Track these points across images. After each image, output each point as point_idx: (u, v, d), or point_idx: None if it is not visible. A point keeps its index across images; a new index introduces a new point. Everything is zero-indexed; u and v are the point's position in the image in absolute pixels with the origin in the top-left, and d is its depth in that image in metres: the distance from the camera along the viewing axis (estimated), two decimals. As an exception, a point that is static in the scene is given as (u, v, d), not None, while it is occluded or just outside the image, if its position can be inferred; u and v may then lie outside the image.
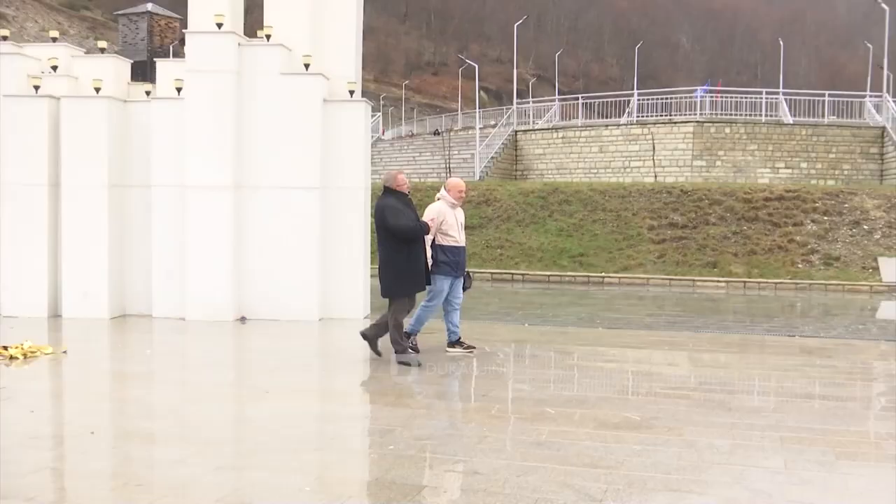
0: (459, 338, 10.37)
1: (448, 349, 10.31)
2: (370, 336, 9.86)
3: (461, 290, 10.32)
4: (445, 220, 9.97)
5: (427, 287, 9.91)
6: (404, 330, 9.89)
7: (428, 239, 9.82)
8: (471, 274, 10.66)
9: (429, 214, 9.92)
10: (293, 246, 13.03)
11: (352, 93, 13.48)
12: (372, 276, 20.85)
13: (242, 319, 12.91)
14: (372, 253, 15.80)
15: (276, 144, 13.04)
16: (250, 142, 13.04)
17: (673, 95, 43.79)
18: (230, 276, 12.91)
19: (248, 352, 11.10)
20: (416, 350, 10.08)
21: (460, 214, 10.27)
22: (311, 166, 13.09)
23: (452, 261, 10.00)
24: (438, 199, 10.18)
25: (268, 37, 13.27)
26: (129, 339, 11.76)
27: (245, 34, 13.77)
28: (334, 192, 13.29)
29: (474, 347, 10.41)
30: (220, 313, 12.79)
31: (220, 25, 12.91)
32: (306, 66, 13.17)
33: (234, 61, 12.97)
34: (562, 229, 26.12)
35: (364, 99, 13.89)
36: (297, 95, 13.07)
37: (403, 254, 9.45)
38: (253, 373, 9.43)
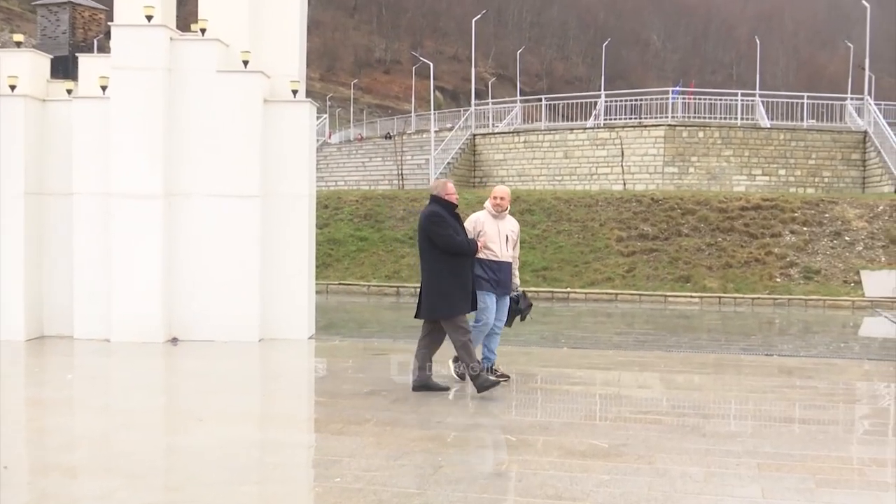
0: (493, 364, 9.96)
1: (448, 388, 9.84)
2: (423, 382, 9.41)
3: (505, 313, 9.92)
4: (484, 231, 9.61)
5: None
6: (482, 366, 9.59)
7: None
8: (525, 294, 10.19)
9: (466, 225, 9.59)
10: (230, 260, 12.94)
11: (295, 92, 13.44)
12: (322, 293, 20.86)
13: (174, 341, 12.78)
14: (317, 267, 15.76)
15: (211, 149, 12.95)
16: (183, 146, 12.94)
17: (643, 97, 44.22)
18: (160, 293, 12.78)
19: (180, 375, 10.99)
20: (507, 376, 9.85)
21: (506, 225, 9.87)
22: (250, 172, 13.02)
23: (492, 277, 9.61)
24: (483, 209, 9.91)
25: (202, 31, 13.20)
26: (48, 363, 11.59)
27: (178, 28, 13.69)
28: (276, 200, 13.23)
29: (508, 377, 10.00)
30: (149, 334, 12.66)
31: (149, 18, 12.82)
32: (245, 63, 13.12)
33: (165, 57, 12.87)
34: (524, 241, 26.18)
35: (309, 99, 13.86)
36: (235, 95, 13.00)
37: (447, 267, 9.08)
38: (185, 398, 9.34)
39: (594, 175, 39.45)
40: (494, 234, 9.67)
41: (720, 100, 42.86)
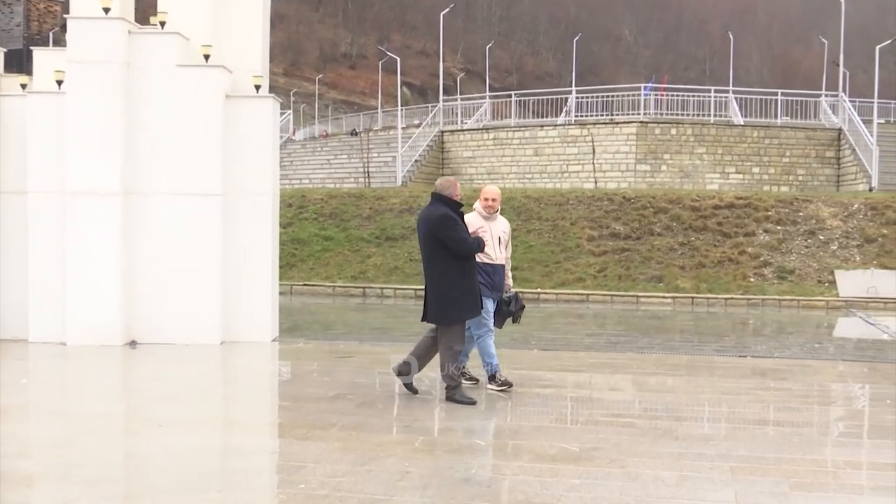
0: (496, 372, 9.81)
1: (488, 385, 9.80)
2: (407, 371, 9.35)
3: (511, 317, 9.90)
4: (476, 233, 9.48)
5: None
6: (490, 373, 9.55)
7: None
8: (518, 296, 10.12)
9: None
10: (191, 260, 12.88)
11: (258, 87, 13.40)
12: (287, 294, 20.84)
13: (132, 344, 12.70)
14: (281, 267, 15.72)
15: (171, 145, 12.88)
16: (142, 142, 12.86)
17: (615, 93, 44.40)
18: (118, 294, 12.69)
19: (138, 380, 10.92)
20: (510, 384, 9.76)
21: (498, 227, 9.84)
22: (211, 170, 12.96)
23: (488, 281, 9.56)
24: (474, 210, 9.83)
25: (162, 24, 13.12)
26: (1, 368, 11.47)
27: (136, 21, 13.61)
28: (238, 198, 13.18)
29: (511, 385, 9.81)
30: (106, 337, 12.56)
31: (107, 10, 12.72)
32: (206, 57, 13.05)
33: (124, 51, 12.78)
34: (493, 240, 26.26)
35: (272, 95, 13.82)
36: (196, 90, 12.94)
37: (456, 271, 8.97)
38: (144, 403, 9.28)
39: (565, 173, 39.57)
40: (487, 237, 9.59)
41: (693, 96, 43.13)
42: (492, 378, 9.68)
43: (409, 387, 9.43)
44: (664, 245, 25.51)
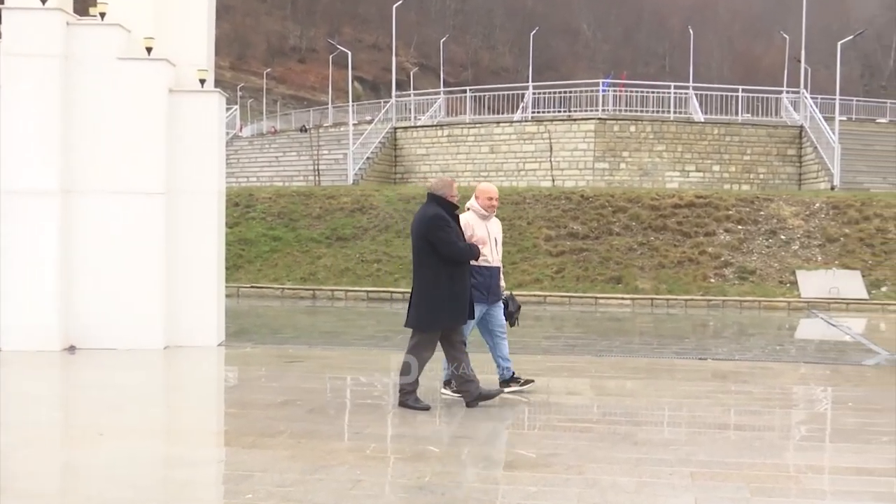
0: (514, 373, 9.88)
1: (503, 389, 9.73)
2: (476, 394, 9.11)
3: (503, 317, 9.83)
4: (475, 235, 9.46)
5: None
6: (444, 378, 9.51)
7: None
8: (514, 296, 10.14)
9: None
10: (133, 261, 12.75)
11: (203, 82, 13.31)
12: (233, 296, 20.70)
13: (71, 349, 12.56)
14: (227, 269, 15.62)
15: (112, 142, 12.75)
16: (81, 139, 12.72)
17: (572, 89, 44.58)
18: (56, 297, 12.54)
19: (78, 387, 10.80)
20: (531, 380, 9.81)
21: (494, 227, 9.84)
22: (154, 168, 12.86)
23: (483, 283, 9.47)
24: (468, 210, 9.73)
25: (102, 15, 12.99)
26: (-67, 374, 11.31)
27: (75, 11, 13.45)
28: (182, 197, 13.08)
29: (532, 381, 9.91)
30: (43, 342, 12.40)
31: (44, 1, 12.57)
32: (148, 50, 12.95)
33: (62, 43, 12.63)
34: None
35: (217, 89, 13.75)
36: (138, 84, 12.83)
37: (445, 276, 8.84)
38: (84, 411, 9.19)
39: (521, 171, 39.70)
40: (485, 238, 9.55)
41: (652, 92, 43.44)
42: (448, 383, 9.66)
43: (490, 394, 9.24)
44: (623, 245, 25.68)
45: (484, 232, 9.57)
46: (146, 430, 8.24)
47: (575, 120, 40.15)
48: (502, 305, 9.86)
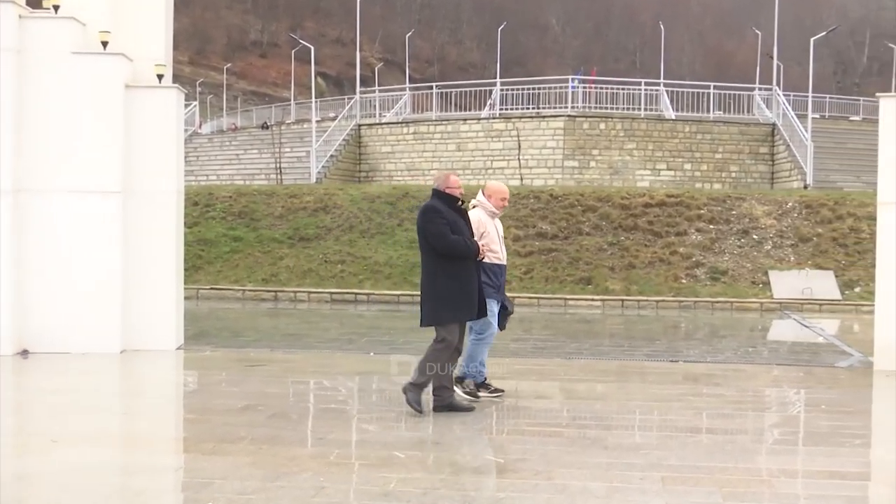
0: (486, 378, 9.83)
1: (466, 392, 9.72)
2: (448, 403, 8.99)
3: (501, 321, 9.87)
4: (487, 233, 9.49)
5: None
6: (457, 375, 9.43)
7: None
8: (509, 298, 10.14)
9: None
10: (88, 263, 12.67)
11: (160, 77, 13.24)
12: (192, 298, 20.59)
13: (24, 353, 12.45)
14: (186, 270, 15.54)
15: (66, 139, 12.66)
16: (34, 136, 12.62)
17: (541, 85, 44.72)
18: (7, 300, 12.42)
19: (30, 392, 10.71)
20: (501, 390, 9.73)
21: (499, 226, 9.91)
22: (109, 166, 12.77)
23: (494, 282, 9.54)
24: (474, 207, 9.74)
25: (55, 8, 12.88)
26: None
27: (28, 4, 13.33)
28: (139, 197, 13.00)
29: (503, 391, 9.87)
30: (-5, 346, 12.31)
31: (-6, -7, 12.47)
32: (104, 44, 12.85)
33: (14, 37, 12.52)
34: (413, 241, 26.11)
35: (176, 85, 13.69)
36: (93, 80, 12.74)
37: (450, 269, 8.85)
38: (37, 417, 9.11)
39: (489, 169, 39.74)
40: (495, 236, 9.64)
41: (623, 89, 43.64)
42: (481, 385, 9.65)
43: (462, 407, 9.13)
44: (593, 245, 25.77)
45: (493, 230, 9.67)
46: (102, 437, 8.18)
47: (544, 117, 40.26)
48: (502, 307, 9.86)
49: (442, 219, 8.83)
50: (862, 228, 25.33)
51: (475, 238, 9.12)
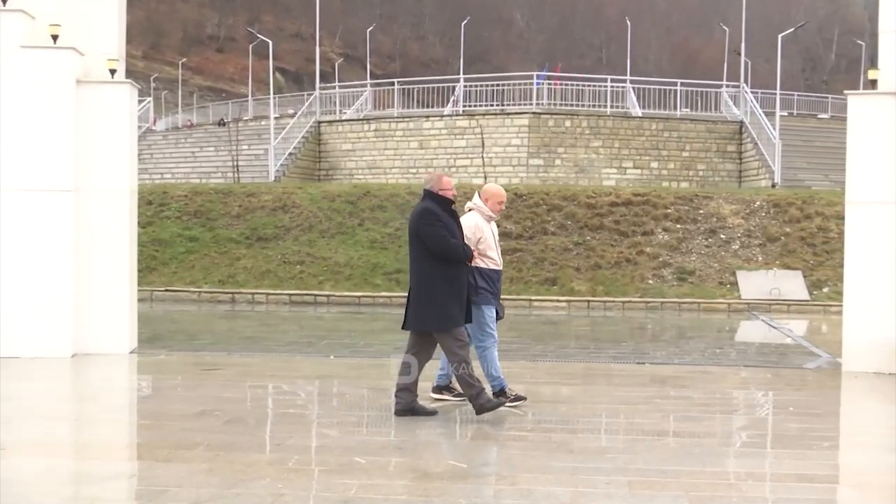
0: (450, 382, 9.79)
1: (434, 394, 9.81)
2: (408, 406, 9.01)
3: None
4: (483, 237, 9.47)
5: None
6: (435, 384, 9.45)
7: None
8: (500, 303, 10.02)
9: (466, 232, 9.28)
10: (38, 263, 12.56)
11: (113, 72, 13.15)
12: (146, 300, 20.46)
13: (-29, 357, 12.33)
14: (140, 271, 15.44)
15: (15, 136, 12.54)
16: (-19, 132, 12.50)
17: (505, 82, 44.81)
18: (-45, 302, 12.31)
19: (-22, 398, 10.60)
20: (523, 397, 9.65)
21: (495, 230, 9.84)
22: (60, 164, 12.68)
23: (493, 287, 9.52)
24: (470, 210, 9.70)
25: (3, 0, 12.76)
26: None
27: (-27, -4, 13.21)
28: (91, 195, 12.91)
29: (524, 398, 9.75)
30: (-59, 350, 12.18)
31: (-60, -16, 12.34)
32: (54, 37, 12.74)
33: (-40, 30, 12.41)
34: (375, 241, 26.25)
35: (129, 80, 13.61)
36: (43, 75, 12.64)
37: (442, 273, 8.86)
38: (-15, 425, 9.02)
39: (452, 167, 39.72)
40: (491, 240, 9.61)
41: (589, 86, 43.75)
42: (500, 393, 9.56)
43: (424, 411, 9.13)
44: (558, 245, 25.84)
45: (490, 235, 9.63)
46: (52, 445, 8.12)
47: (508, 114, 40.32)
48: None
49: (440, 222, 8.87)
50: (830, 228, 25.56)
51: (470, 244, 9.14)
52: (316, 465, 7.39)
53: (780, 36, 41.33)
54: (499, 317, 9.86)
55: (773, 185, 34.20)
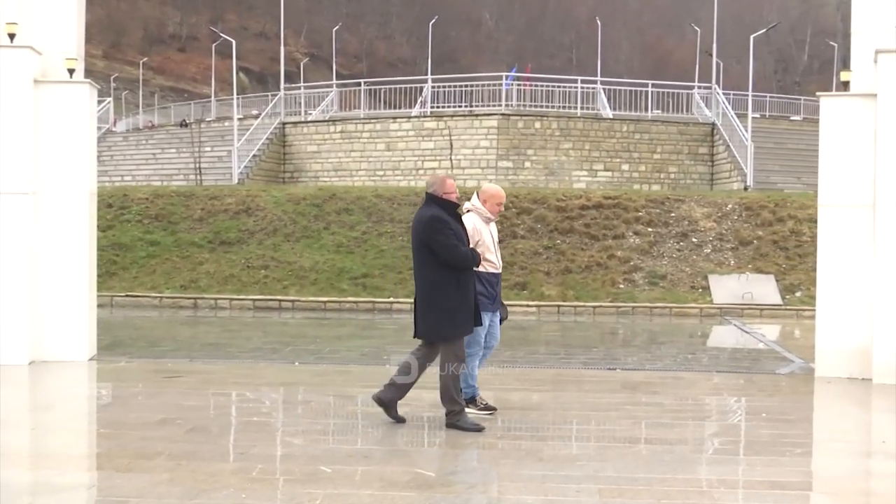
0: (476, 395, 9.72)
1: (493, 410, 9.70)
2: (387, 400, 9.08)
3: (498, 329, 9.81)
4: (482, 240, 9.41)
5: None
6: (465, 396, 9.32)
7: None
8: (504, 304, 10.03)
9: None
10: (-6, 268, 12.48)
11: (72, 72, 13.08)
12: (106, 306, 20.32)
13: (-75, 365, 12.22)
14: (100, 276, 15.34)
15: (-30, 137, 12.46)
16: (-65, 133, 12.40)
17: (474, 83, 44.87)
18: None
19: (-68, 407, 10.51)
20: (491, 409, 9.60)
21: (494, 231, 9.78)
22: (18, 166, 12.60)
23: (490, 292, 9.46)
24: (468, 211, 9.62)
25: (-42, -2, 12.68)
26: None
27: (-73, -7, 13.11)
28: (50, 198, 12.84)
29: (495, 409, 9.72)
30: None
31: None
32: (11, 36, 12.68)
33: (-87, 28, 12.31)
34: (340, 245, 26.19)
35: (88, 80, 13.53)
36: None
37: (450, 281, 8.80)
38: (-61, 434, 8.94)
39: (420, 170, 39.78)
40: (490, 243, 9.54)
41: (558, 87, 43.89)
42: (471, 401, 9.54)
43: (396, 417, 9.15)
44: (528, 249, 25.89)
45: (488, 237, 9.58)
46: (9, 455, 8.05)
47: (477, 115, 40.37)
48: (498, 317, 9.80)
49: (450, 229, 8.81)
50: (803, 231, 25.74)
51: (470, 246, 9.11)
52: (280, 474, 7.37)
53: (752, 37, 41.61)
54: (501, 319, 9.83)
55: (746, 188, 34.40)
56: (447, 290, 8.81)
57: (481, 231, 9.49)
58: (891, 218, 11.93)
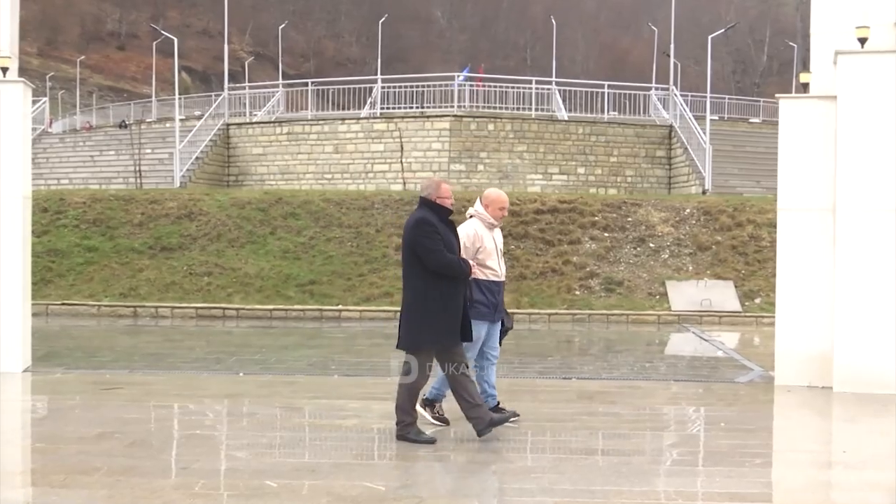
0: (498, 402, 9.71)
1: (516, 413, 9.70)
2: (485, 419, 8.92)
3: (498, 339, 9.71)
4: (483, 247, 9.35)
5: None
6: (425, 396, 9.29)
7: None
8: (509, 313, 9.99)
9: (463, 240, 9.17)
10: (-78, 276, 12.33)
11: (5, 70, 12.97)
12: (41, 315, 20.12)
13: None
14: (35, 284, 15.18)
15: None
16: None
17: (426, 83, 44.84)
18: None
19: None
20: (446, 421, 9.50)
21: (498, 237, 9.69)
22: (-53, 168, 12.46)
23: (490, 301, 9.38)
24: (470, 217, 9.59)
25: None
26: None
27: None
28: (-20, 202, 12.70)
29: (518, 415, 9.71)
30: None
31: None
32: (-60, 33, 12.54)
33: None
34: (287, 250, 26.11)
35: (22, 79, 13.42)
36: (-72, 72, 12.43)
37: (437, 288, 8.66)
38: None
39: (369, 173, 39.74)
40: (492, 250, 9.47)
41: (513, 87, 43.99)
42: (429, 404, 9.56)
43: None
44: (481, 255, 25.90)
45: (491, 244, 9.52)
46: (-62, 471, 7.97)
47: (428, 117, 40.38)
48: (500, 325, 9.76)
49: (437, 234, 8.72)
50: (762, 236, 25.99)
51: (468, 253, 9.07)
52: (225, 489, 7.33)
53: (710, 37, 41.96)
54: (506, 327, 9.82)
55: (704, 192, 34.66)
56: (428, 298, 8.69)
57: (483, 237, 9.46)
58: (851, 222, 12.06)
